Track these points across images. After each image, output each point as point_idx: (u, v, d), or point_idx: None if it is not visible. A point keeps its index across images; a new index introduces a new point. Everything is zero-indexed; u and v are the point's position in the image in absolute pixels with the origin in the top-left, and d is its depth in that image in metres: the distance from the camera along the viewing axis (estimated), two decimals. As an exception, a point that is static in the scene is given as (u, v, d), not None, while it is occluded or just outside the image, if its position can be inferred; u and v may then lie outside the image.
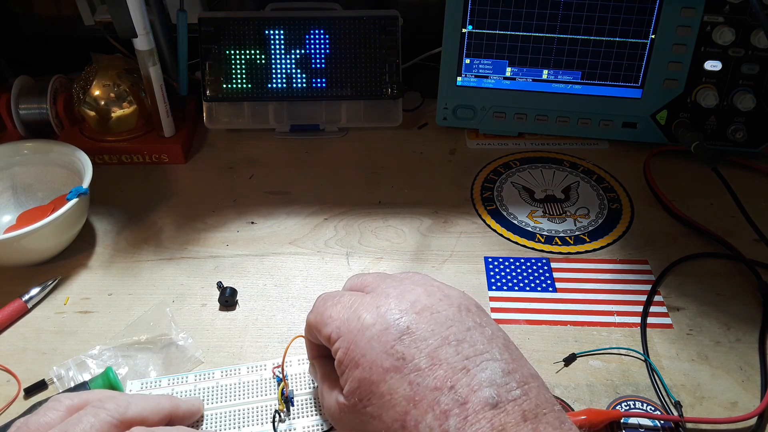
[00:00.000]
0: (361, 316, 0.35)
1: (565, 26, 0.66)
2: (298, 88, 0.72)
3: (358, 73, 0.72)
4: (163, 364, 0.49)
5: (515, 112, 0.72)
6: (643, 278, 0.57)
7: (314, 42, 0.71)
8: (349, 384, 0.35)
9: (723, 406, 0.46)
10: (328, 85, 0.72)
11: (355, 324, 0.35)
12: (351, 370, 0.35)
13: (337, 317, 0.37)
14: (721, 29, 0.63)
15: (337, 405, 0.36)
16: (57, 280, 0.56)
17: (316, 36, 0.70)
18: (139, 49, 0.63)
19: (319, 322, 0.38)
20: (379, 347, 0.34)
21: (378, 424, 0.33)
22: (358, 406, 0.34)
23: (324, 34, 0.70)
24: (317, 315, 0.39)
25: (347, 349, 0.35)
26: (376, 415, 0.33)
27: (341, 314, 0.37)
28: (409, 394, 0.32)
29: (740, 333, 0.52)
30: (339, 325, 0.36)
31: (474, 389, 0.31)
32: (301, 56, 0.71)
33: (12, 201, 0.62)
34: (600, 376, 0.48)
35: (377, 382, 0.33)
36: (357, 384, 0.34)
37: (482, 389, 0.31)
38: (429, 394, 0.31)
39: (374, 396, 0.33)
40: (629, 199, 0.66)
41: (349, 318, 0.36)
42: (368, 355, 0.34)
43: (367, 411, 0.33)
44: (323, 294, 0.40)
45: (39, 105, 0.69)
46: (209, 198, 0.66)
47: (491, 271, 0.57)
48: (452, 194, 0.66)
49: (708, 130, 0.69)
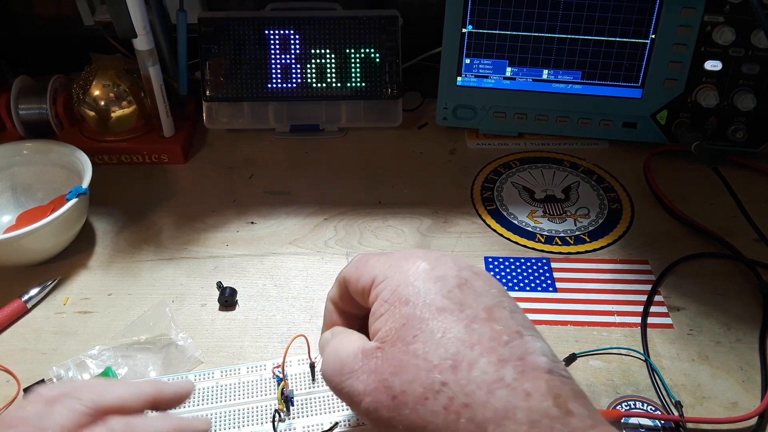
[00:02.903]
0: (417, 261, 0.34)
1: (565, 26, 0.66)
2: (298, 88, 0.72)
3: (358, 73, 0.72)
4: (163, 364, 0.49)
5: (515, 112, 0.72)
6: (643, 278, 0.57)
7: (314, 42, 0.71)
8: (391, 322, 0.32)
9: (723, 406, 0.46)
10: (328, 85, 0.72)
11: (409, 266, 0.34)
12: (398, 307, 0.32)
13: (385, 263, 0.35)
14: (721, 29, 0.63)
15: (361, 353, 0.33)
16: (56, 280, 0.56)
17: (316, 36, 0.70)
18: (139, 49, 0.63)
19: (362, 269, 0.36)
20: (435, 289, 0.32)
21: (421, 364, 0.30)
22: (397, 345, 0.31)
23: (324, 34, 0.70)
24: (358, 265, 0.37)
25: (396, 288, 0.33)
26: (422, 353, 0.30)
27: (390, 260, 0.35)
28: (463, 336, 0.30)
29: (741, 333, 0.52)
30: (387, 268, 0.34)
31: (529, 351, 0.30)
32: (301, 56, 0.71)
33: (11, 201, 0.62)
34: (600, 376, 0.48)
35: (428, 320, 0.31)
36: (404, 321, 0.32)
37: (537, 355, 0.30)
38: (486, 342, 0.30)
39: (423, 333, 0.31)
40: (629, 199, 0.66)
41: (400, 263, 0.34)
42: (422, 294, 0.32)
43: (410, 349, 0.31)
44: (360, 255, 0.39)
45: (39, 105, 0.69)
46: (209, 198, 0.66)
47: (491, 271, 0.57)
48: (452, 194, 0.66)
49: (708, 130, 0.69)
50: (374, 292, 0.34)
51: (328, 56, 0.71)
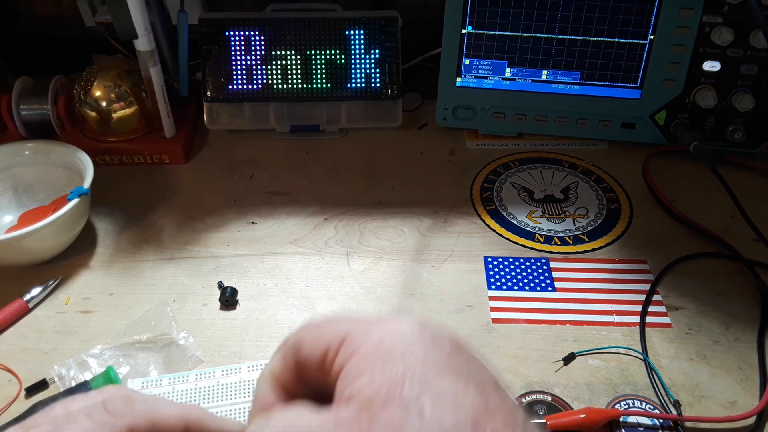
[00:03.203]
0: (401, 319, 0.28)
1: (565, 27, 0.67)
2: (299, 89, 0.72)
3: (358, 74, 0.72)
4: (164, 364, 0.49)
5: (515, 113, 0.72)
6: (642, 278, 0.57)
7: (314, 43, 0.71)
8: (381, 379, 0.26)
9: (722, 405, 0.46)
10: (328, 85, 0.72)
11: (393, 323, 0.28)
12: (388, 363, 0.26)
13: (357, 320, 0.29)
14: (720, 30, 0.63)
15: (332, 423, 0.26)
16: (58, 280, 0.56)
17: (316, 37, 0.71)
18: (140, 50, 0.63)
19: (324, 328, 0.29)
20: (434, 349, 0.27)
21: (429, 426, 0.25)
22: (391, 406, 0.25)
23: (324, 34, 0.70)
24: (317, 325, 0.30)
25: (381, 343, 0.27)
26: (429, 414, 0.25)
27: (364, 318, 0.29)
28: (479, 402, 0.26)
29: (739, 332, 0.52)
30: (363, 325, 0.28)
31: None
32: (300, 57, 0.71)
33: (13, 201, 0.62)
34: (599, 375, 0.49)
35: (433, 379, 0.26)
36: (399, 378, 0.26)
37: None
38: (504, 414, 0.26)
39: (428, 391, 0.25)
40: (628, 199, 0.66)
41: (379, 320, 0.29)
42: (419, 351, 0.26)
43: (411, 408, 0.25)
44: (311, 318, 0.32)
45: (40, 106, 0.69)
46: (210, 198, 0.66)
47: (491, 271, 0.57)
48: (452, 194, 0.67)
49: (707, 130, 0.69)
50: (346, 351, 0.27)
51: (328, 57, 0.71)
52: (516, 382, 0.48)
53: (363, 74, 0.72)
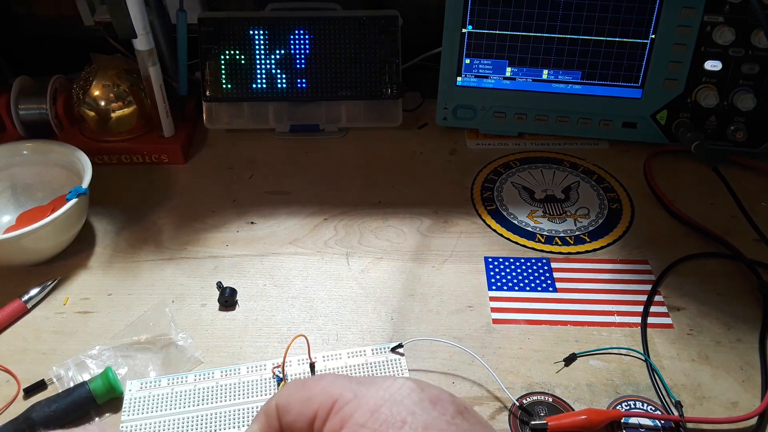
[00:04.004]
0: (397, 380, 0.27)
1: (565, 26, 0.66)
2: (298, 88, 0.72)
3: (358, 73, 0.72)
4: (163, 364, 0.49)
5: (515, 112, 0.72)
6: (643, 278, 0.57)
7: (314, 42, 0.70)
8: None
9: (723, 406, 0.46)
10: (328, 85, 0.72)
11: (389, 384, 0.26)
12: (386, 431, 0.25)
13: (348, 382, 0.27)
14: (721, 29, 0.63)
15: None
16: (56, 280, 0.56)
17: (316, 36, 0.70)
18: (139, 50, 0.63)
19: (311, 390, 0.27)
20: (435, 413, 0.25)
21: None
22: None
23: (324, 34, 0.70)
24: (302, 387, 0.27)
25: (377, 408, 0.25)
26: None
27: (355, 379, 0.27)
28: None
29: (741, 333, 0.52)
30: (355, 387, 0.26)
31: None
32: (300, 56, 0.71)
33: (11, 201, 0.62)
34: (600, 376, 0.48)
35: None
36: None
37: None
38: None
39: None
40: (629, 199, 0.66)
41: (374, 381, 0.27)
42: (420, 417, 0.24)
43: None
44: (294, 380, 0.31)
45: (39, 105, 0.69)
46: (209, 198, 0.66)
47: (491, 271, 0.57)
48: (452, 194, 0.66)
49: (708, 130, 0.69)
50: (337, 417, 0.25)
51: (327, 56, 0.71)
52: (517, 383, 0.48)
53: (363, 74, 0.72)
